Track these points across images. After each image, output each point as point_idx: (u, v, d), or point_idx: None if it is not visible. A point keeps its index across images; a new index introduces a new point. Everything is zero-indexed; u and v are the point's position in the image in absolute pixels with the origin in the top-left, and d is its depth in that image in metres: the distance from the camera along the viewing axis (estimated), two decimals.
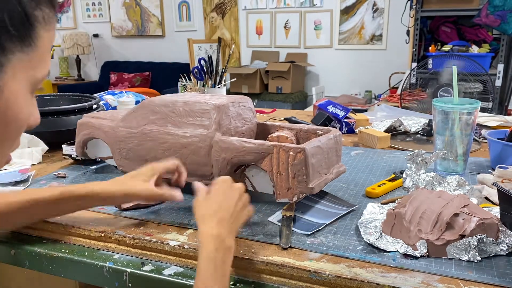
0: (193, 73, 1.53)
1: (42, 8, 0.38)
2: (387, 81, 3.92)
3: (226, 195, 0.66)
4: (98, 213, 0.82)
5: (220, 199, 0.66)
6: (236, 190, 0.68)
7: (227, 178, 0.70)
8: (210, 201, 0.66)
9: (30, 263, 0.76)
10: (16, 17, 0.35)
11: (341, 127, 1.44)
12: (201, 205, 0.66)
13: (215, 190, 0.67)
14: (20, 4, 0.35)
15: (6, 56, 0.35)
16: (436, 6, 3.04)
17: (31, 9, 0.36)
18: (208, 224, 0.62)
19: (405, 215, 0.69)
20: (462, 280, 0.60)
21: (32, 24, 0.37)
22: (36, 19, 0.37)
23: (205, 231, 0.61)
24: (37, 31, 0.37)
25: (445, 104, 0.96)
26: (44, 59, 0.40)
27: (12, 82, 0.37)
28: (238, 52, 4.79)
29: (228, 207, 0.65)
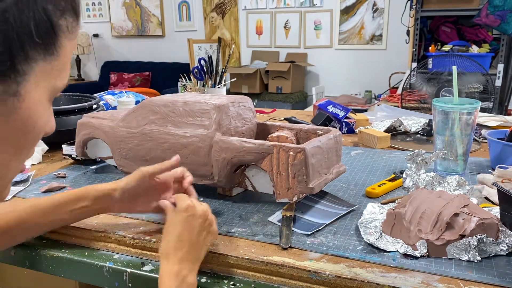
0: (193, 73, 1.53)
1: (67, 17, 0.38)
2: (387, 81, 3.92)
3: (189, 225, 0.63)
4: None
5: (181, 232, 0.62)
6: (199, 218, 0.64)
7: (189, 205, 0.65)
8: (172, 234, 0.63)
9: (30, 263, 0.76)
10: (41, 26, 0.35)
11: (341, 127, 1.44)
12: (164, 237, 0.63)
13: (177, 220, 0.64)
14: (46, 13, 0.35)
15: (30, 65, 0.35)
16: (436, 6, 3.04)
17: (56, 18, 0.36)
18: (170, 261, 0.60)
19: (405, 215, 0.69)
20: (462, 280, 0.59)
21: (56, 33, 0.37)
22: (60, 28, 0.37)
23: (166, 270, 0.60)
24: (60, 40, 0.37)
25: (445, 104, 0.96)
26: (65, 68, 0.40)
27: (33, 90, 0.36)
28: (238, 52, 4.79)
29: (189, 240, 0.62)
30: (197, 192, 0.90)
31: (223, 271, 0.67)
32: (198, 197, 0.88)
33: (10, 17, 0.32)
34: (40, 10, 0.35)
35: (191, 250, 0.62)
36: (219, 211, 0.81)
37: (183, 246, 0.62)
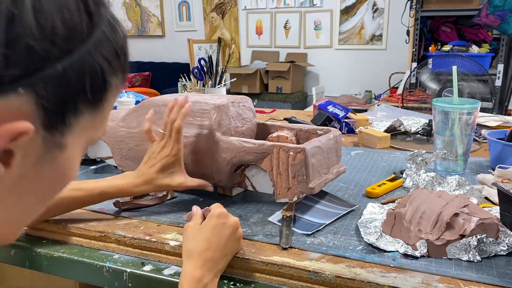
0: (193, 73, 1.53)
1: (118, 75, 0.39)
2: (387, 81, 3.92)
3: (218, 232, 0.64)
4: (98, 213, 0.82)
5: (210, 237, 0.63)
6: (229, 227, 0.65)
7: (222, 212, 0.66)
8: (200, 236, 0.63)
9: (30, 263, 0.76)
10: (95, 84, 0.36)
11: (341, 127, 1.44)
12: (191, 238, 0.64)
13: (208, 225, 0.65)
14: (102, 72, 0.36)
15: (77, 118, 0.35)
16: (436, 6, 3.03)
17: (109, 77, 0.37)
18: (193, 264, 0.60)
19: (405, 215, 0.69)
20: (462, 280, 0.60)
21: (107, 90, 0.38)
22: (110, 85, 0.38)
23: (188, 272, 0.60)
24: (108, 96, 0.38)
25: (445, 104, 0.96)
26: (105, 121, 0.40)
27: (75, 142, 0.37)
28: (238, 52, 4.79)
29: (217, 246, 0.62)
30: (197, 192, 0.90)
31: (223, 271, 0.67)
32: (198, 197, 0.88)
33: (71, 74, 0.33)
34: (98, 68, 0.35)
35: (216, 256, 0.62)
36: None
37: (209, 250, 0.62)
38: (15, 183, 0.34)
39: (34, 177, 0.36)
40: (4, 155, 0.32)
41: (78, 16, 0.34)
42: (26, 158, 0.34)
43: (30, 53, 0.31)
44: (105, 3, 0.38)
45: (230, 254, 0.65)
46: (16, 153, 0.33)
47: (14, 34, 0.30)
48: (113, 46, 0.37)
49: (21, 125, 0.31)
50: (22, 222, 0.39)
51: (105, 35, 0.36)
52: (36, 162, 0.35)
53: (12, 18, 0.30)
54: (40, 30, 0.31)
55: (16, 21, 0.30)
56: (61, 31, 0.32)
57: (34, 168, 0.35)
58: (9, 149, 0.32)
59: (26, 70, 0.31)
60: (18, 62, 0.30)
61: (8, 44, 0.30)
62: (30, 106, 0.32)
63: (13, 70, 0.30)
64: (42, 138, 0.34)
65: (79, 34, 0.34)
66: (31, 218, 0.40)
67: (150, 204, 0.84)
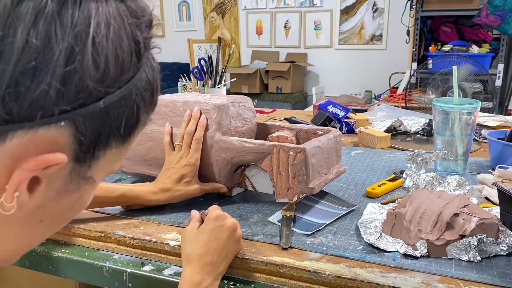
0: (193, 73, 1.53)
1: (149, 113, 0.39)
2: (387, 81, 3.92)
3: (216, 235, 0.63)
4: (98, 213, 0.82)
5: (208, 240, 0.63)
6: (227, 229, 0.64)
7: (219, 214, 0.66)
8: (198, 241, 0.63)
9: (30, 263, 0.76)
10: (129, 121, 0.36)
11: (341, 127, 1.44)
12: (189, 242, 0.64)
13: (206, 228, 0.64)
14: (137, 110, 0.36)
15: (105, 152, 0.36)
16: (436, 6, 3.03)
17: (141, 114, 0.37)
18: (192, 269, 0.60)
19: (405, 215, 0.69)
20: (462, 280, 0.59)
21: (137, 127, 0.38)
22: (141, 123, 0.38)
23: (188, 276, 0.60)
24: (136, 132, 0.39)
25: (445, 104, 0.96)
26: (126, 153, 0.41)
27: (98, 173, 0.37)
28: (238, 52, 4.79)
29: (215, 249, 0.62)
30: None
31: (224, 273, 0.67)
32: (199, 197, 0.88)
33: (110, 111, 0.33)
34: (135, 107, 0.36)
35: (215, 260, 0.62)
36: None
37: (208, 254, 0.62)
38: (34, 210, 0.35)
39: (53, 205, 0.36)
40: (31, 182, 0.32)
41: (129, 57, 0.34)
42: (51, 186, 0.34)
43: (81, 90, 0.31)
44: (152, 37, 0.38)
45: (230, 256, 0.65)
46: (42, 181, 0.33)
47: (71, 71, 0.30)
48: (151, 86, 0.38)
49: (57, 157, 0.32)
50: (29, 247, 0.39)
51: (146, 76, 0.37)
52: (59, 191, 0.35)
53: (72, 55, 0.30)
54: (95, 69, 0.31)
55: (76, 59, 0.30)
56: (112, 70, 0.33)
57: (56, 197, 0.35)
58: (37, 176, 0.33)
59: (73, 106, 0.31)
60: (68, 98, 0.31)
61: (63, 80, 0.30)
62: (67, 138, 0.32)
63: (62, 105, 0.31)
64: (70, 170, 0.34)
65: (126, 75, 0.34)
66: (39, 242, 0.40)
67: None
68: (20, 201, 0.32)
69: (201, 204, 0.85)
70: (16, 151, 0.30)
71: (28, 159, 0.31)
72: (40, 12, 0.29)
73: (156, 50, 0.39)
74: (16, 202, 0.32)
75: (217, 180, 0.84)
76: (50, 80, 0.30)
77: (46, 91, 0.30)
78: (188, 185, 0.82)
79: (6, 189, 0.31)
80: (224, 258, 0.63)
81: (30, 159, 0.31)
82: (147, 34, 0.37)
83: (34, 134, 0.30)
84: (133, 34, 0.35)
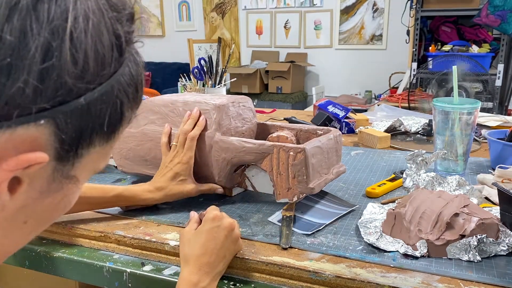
0: (193, 73, 1.53)
1: (133, 109, 0.39)
2: (387, 81, 3.92)
3: (213, 236, 0.63)
4: (98, 213, 0.82)
5: (205, 241, 0.63)
6: (224, 229, 0.64)
7: (217, 215, 0.66)
8: (196, 242, 0.63)
9: (30, 263, 0.76)
10: (113, 118, 0.35)
11: (341, 127, 1.44)
12: (187, 243, 0.64)
13: (203, 229, 0.64)
14: (121, 106, 0.36)
15: (88, 149, 0.35)
16: (436, 6, 3.03)
17: (125, 110, 0.37)
18: (190, 270, 0.60)
19: (405, 215, 0.69)
20: (462, 280, 0.59)
21: (121, 124, 0.37)
22: (125, 119, 0.37)
23: (185, 277, 0.60)
24: (121, 129, 0.38)
25: (445, 104, 0.96)
26: (111, 151, 0.40)
27: (82, 172, 0.37)
28: (238, 52, 4.79)
29: (213, 250, 0.62)
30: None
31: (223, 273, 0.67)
32: (199, 197, 0.88)
33: (92, 108, 0.33)
34: (118, 102, 0.35)
35: (212, 260, 0.62)
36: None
37: (205, 255, 0.62)
38: (16, 211, 0.34)
39: (36, 205, 0.35)
40: (11, 182, 0.32)
41: (110, 51, 0.33)
42: (33, 186, 0.33)
43: (60, 87, 0.30)
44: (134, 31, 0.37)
45: (228, 256, 0.64)
46: (23, 181, 0.32)
47: (47, 68, 0.29)
48: (135, 81, 0.37)
49: (37, 156, 0.31)
50: (16, 248, 0.38)
51: (129, 70, 0.36)
52: (41, 191, 0.34)
53: (49, 51, 0.29)
54: (74, 65, 0.31)
55: (53, 55, 0.29)
56: (92, 66, 0.32)
57: (39, 197, 0.34)
58: (18, 176, 0.32)
59: (53, 104, 0.30)
60: (46, 95, 0.30)
61: (40, 77, 0.29)
62: (47, 137, 0.31)
63: (40, 103, 0.30)
64: (53, 169, 0.33)
65: (108, 70, 0.33)
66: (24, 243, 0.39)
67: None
68: (1, 202, 0.32)
69: (201, 204, 0.85)
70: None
71: (7, 159, 0.30)
72: (14, 7, 0.28)
73: (139, 44, 0.38)
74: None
75: (217, 180, 0.84)
76: (27, 77, 0.29)
77: (22, 89, 0.29)
78: (183, 184, 0.82)
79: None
80: (222, 258, 0.63)
81: (10, 159, 0.30)
82: (129, 28, 0.36)
83: (12, 133, 0.30)
84: (113, 28, 0.34)
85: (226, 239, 0.64)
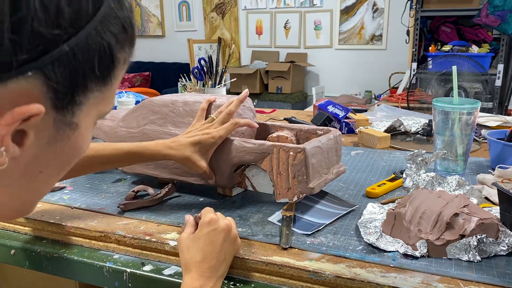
0: (193, 73, 1.53)
1: (126, 50, 0.38)
2: (387, 81, 3.92)
3: (211, 240, 0.63)
4: (98, 213, 0.82)
5: (204, 246, 0.62)
6: (222, 231, 0.64)
7: (212, 218, 0.65)
8: (195, 248, 0.63)
9: (30, 263, 0.76)
10: (103, 61, 0.35)
11: (341, 127, 1.44)
12: (185, 250, 0.63)
13: (200, 234, 0.64)
14: (109, 48, 0.35)
15: (86, 96, 0.36)
16: (436, 6, 3.03)
17: (117, 52, 0.37)
18: (192, 276, 0.60)
19: (405, 215, 0.69)
20: (462, 280, 0.59)
21: (115, 66, 0.37)
22: (118, 61, 0.37)
23: (188, 284, 0.59)
24: (116, 71, 0.38)
25: (445, 104, 0.96)
26: (114, 94, 0.40)
27: (85, 119, 0.37)
28: (238, 52, 4.79)
29: (212, 254, 0.62)
30: (197, 193, 0.90)
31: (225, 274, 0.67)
32: (199, 197, 0.88)
33: (78, 53, 0.33)
34: (105, 45, 0.35)
35: (213, 264, 0.61)
36: (219, 211, 0.81)
37: (206, 261, 0.61)
38: (30, 161, 0.35)
39: (48, 154, 0.36)
40: (17, 135, 0.33)
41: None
42: (39, 137, 0.34)
43: (37, 37, 0.30)
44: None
45: (229, 257, 0.64)
46: (28, 133, 0.33)
47: (18, 19, 0.29)
48: (120, 21, 0.36)
49: (32, 108, 0.31)
50: (40, 195, 0.40)
51: (111, 11, 0.35)
52: (49, 141, 0.35)
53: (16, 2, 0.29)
54: (45, 13, 0.30)
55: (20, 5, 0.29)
56: (66, 12, 0.32)
57: (48, 147, 0.35)
58: (22, 129, 0.33)
59: (34, 54, 0.31)
60: (25, 46, 0.30)
61: (13, 29, 0.29)
62: (40, 88, 0.32)
63: (21, 55, 0.30)
64: (54, 118, 0.34)
65: (85, 13, 0.33)
66: (48, 189, 0.41)
67: (151, 205, 0.84)
68: (12, 155, 0.33)
69: (201, 204, 0.85)
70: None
71: (3, 114, 0.31)
72: None
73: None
74: (7, 156, 0.33)
75: (217, 180, 0.84)
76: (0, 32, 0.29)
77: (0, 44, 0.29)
78: (199, 155, 0.79)
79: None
80: (222, 260, 0.63)
81: (6, 114, 0.31)
82: None
83: (3, 88, 0.30)
84: None
85: (224, 241, 0.63)
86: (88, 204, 0.85)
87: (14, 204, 0.38)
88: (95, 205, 0.84)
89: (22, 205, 0.39)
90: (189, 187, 0.93)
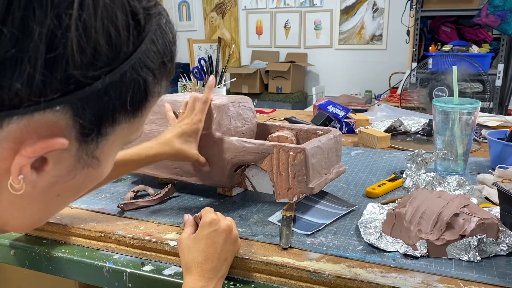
0: (193, 73, 1.53)
1: (162, 84, 0.37)
2: (387, 81, 3.92)
3: (213, 241, 0.62)
4: (98, 213, 0.82)
5: (205, 247, 0.62)
6: (222, 232, 0.63)
7: (213, 218, 0.64)
8: (196, 249, 0.62)
9: (30, 263, 0.76)
10: (137, 97, 0.34)
11: (341, 127, 1.44)
12: (186, 251, 0.63)
13: (201, 235, 0.63)
14: (145, 84, 0.34)
15: (113, 128, 0.34)
16: (436, 6, 3.03)
17: (152, 88, 0.35)
18: (193, 278, 0.60)
19: (405, 215, 0.69)
20: (462, 280, 0.59)
21: (148, 100, 0.36)
22: (152, 95, 0.36)
23: (189, 285, 0.59)
24: (148, 104, 0.36)
25: (445, 104, 0.95)
26: (143, 124, 0.39)
27: (110, 149, 0.36)
28: (238, 52, 4.79)
29: (213, 255, 0.62)
30: (197, 192, 0.90)
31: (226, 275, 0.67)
32: (198, 197, 0.88)
33: (111, 91, 0.31)
34: (141, 81, 0.33)
35: (214, 265, 0.61)
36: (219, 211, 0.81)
37: (207, 262, 0.61)
38: (48, 186, 0.34)
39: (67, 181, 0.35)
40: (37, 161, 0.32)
41: (125, 31, 0.31)
42: (59, 167, 0.33)
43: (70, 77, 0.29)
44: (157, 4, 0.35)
45: (230, 258, 0.64)
46: (49, 161, 0.32)
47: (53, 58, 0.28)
48: (161, 56, 0.35)
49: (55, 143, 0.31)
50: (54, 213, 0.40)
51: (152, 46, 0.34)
52: (68, 171, 0.34)
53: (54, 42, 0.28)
54: (81, 55, 0.29)
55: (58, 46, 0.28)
56: (104, 52, 0.30)
57: (66, 175, 0.35)
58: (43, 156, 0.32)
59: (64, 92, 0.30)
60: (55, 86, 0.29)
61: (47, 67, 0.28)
62: (66, 121, 0.31)
63: (51, 93, 0.29)
64: (76, 150, 0.33)
65: (124, 51, 0.32)
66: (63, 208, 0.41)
67: (150, 205, 0.84)
68: (30, 181, 0.32)
69: (201, 204, 0.85)
70: (15, 135, 0.30)
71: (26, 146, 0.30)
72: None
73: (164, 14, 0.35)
74: (25, 182, 0.32)
75: (217, 180, 0.84)
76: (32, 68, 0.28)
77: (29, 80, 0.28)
78: (189, 145, 0.78)
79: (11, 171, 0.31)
80: (223, 261, 0.63)
81: (28, 146, 0.30)
82: (147, 2, 0.33)
83: (30, 119, 0.30)
84: (130, 6, 0.31)
85: (225, 242, 0.63)
86: (88, 204, 0.85)
87: (27, 222, 0.38)
88: (95, 205, 0.84)
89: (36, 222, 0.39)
90: (189, 187, 0.93)
